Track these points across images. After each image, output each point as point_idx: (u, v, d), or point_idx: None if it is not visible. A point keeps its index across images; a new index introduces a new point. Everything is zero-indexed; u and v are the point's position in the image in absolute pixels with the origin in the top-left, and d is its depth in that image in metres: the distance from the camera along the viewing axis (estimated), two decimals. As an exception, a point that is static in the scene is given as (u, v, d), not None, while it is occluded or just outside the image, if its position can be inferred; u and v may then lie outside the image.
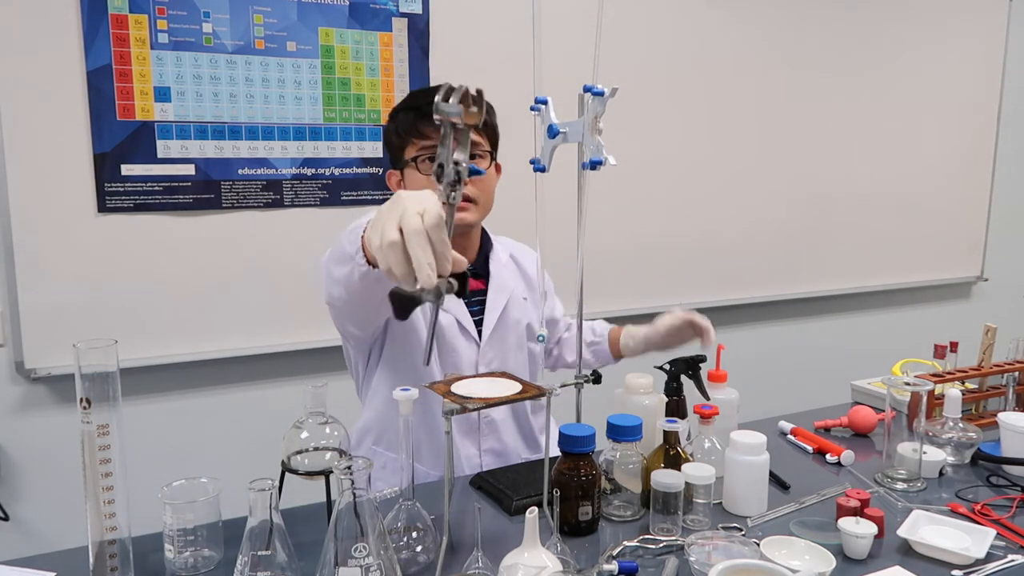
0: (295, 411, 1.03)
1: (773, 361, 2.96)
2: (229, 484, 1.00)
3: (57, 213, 1.88)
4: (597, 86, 1.02)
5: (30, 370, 1.91)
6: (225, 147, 2.01)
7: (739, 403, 1.34)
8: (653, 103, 2.54)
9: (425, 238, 0.75)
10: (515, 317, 1.42)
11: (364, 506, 0.79)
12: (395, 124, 1.33)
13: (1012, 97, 3.29)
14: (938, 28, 3.05)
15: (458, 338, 1.35)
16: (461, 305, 1.37)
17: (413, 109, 1.30)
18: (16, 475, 1.98)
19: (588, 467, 1.07)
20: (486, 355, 1.38)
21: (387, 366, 1.36)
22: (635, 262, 2.61)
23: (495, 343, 1.39)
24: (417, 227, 0.75)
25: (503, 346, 1.40)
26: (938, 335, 1.77)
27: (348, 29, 2.09)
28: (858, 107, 2.94)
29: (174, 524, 0.95)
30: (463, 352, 1.35)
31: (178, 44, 1.93)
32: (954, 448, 1.34)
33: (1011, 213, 3.41)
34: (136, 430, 2.03)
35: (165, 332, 2.02)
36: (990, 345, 1.56)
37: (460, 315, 1.36)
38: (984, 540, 1.02)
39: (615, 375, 1.32)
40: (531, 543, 0.88)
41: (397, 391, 0.94)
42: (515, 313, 1.42)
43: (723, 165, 2.71)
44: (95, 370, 0.85)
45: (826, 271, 3.01)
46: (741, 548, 0.97)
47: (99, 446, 0.86)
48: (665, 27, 2.53)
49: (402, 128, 1.31)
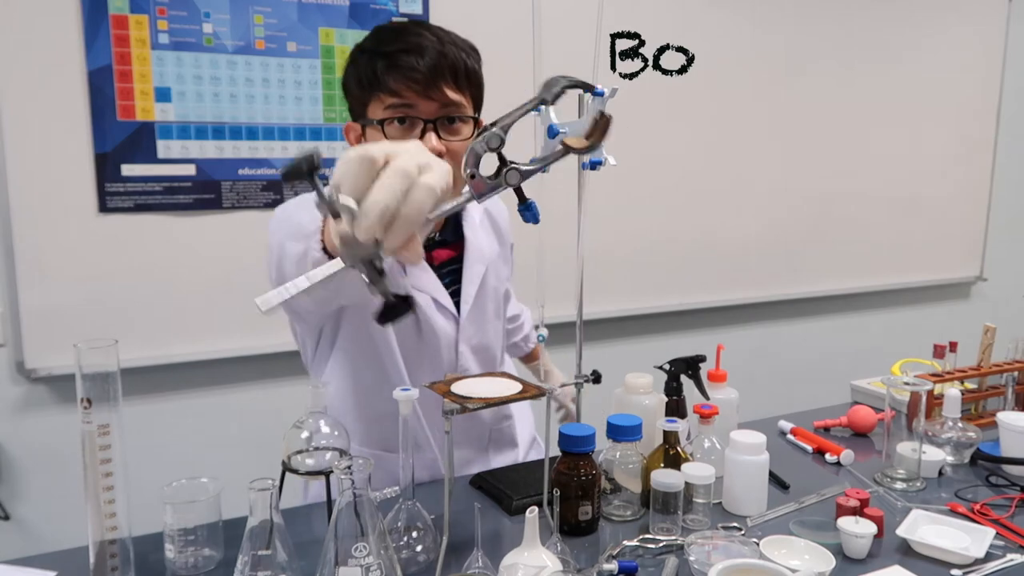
0: (295, 411, 1.03)
1: (773, 361, 2.97)
2: (229, 484, 1.00)
3: (57, 213, 1.88)
4: (597, 86, 1.02)
5: (30, 370, 1.91)
6: (225, 147, 2.02)
7: (739, 403, 1.34)
8: (653, 103, 2.54)
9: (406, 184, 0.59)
10: (492, 283, 1.27)
11: (364, 506, 0.79)
12: (355, 70, 1.10)
13: (1012, 97, 3.29)
14: (938, 28, 3.05)
15: (436, 316, 1.20)
16: (434, 278, 1.20)
17: (380, 56, 1.06)
18: (16, 475, 1.98)
19: (588, 467, 1.07)
20: (466, 331, 1.24)
21: (343, 352, 1.20)
22: (635, 262, 2.61)
23: (475, 317, 1.25)
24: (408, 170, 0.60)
25: (482, 318, 1.27)
26: (938, 335, 1.77)
27: (348, 29, 2.09)
28: (858, 107, 2.94)
29: (174, 524, 0.95)
30: (441, 331, 1.21)
31: (178, 44, 1.93)
32: (953, 448, 1.34)
33: (1011, 213, 3.41)
34: (136, 430, 2.03)
35: (165, 332, 2.02)
36: (989, 345, 1.56)
37: (434, 290, 1.19)
38: (983, 540, 1.02)
39: (615, 375, 1.32)
40: (531, 543, 0.88)
41: (397, 391, 0.94)
42: (492, 279, 1.27)
43: (723, 165, 2.71)
44: (95, 370, 0.85)
45: (826, 271, 3.01)
46: (741, 548, 0.97)
47: (99, 446, 0.86)
48: (665, 27, 2.53)
49: (365, 78, 1.08)
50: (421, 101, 1.07)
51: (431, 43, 1.07)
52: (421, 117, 1.07)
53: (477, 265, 1.24)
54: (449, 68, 1.07)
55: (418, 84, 1.05)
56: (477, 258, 1.25)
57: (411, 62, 1.05)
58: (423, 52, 1.05)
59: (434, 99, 1.07)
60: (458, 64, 1.08)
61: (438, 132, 1.08)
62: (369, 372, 1.21)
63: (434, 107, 1.07)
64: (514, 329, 1.59)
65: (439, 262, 1.23)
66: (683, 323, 2.79)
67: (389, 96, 1.06)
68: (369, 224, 0.58)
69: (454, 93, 1.08)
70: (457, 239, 1.25)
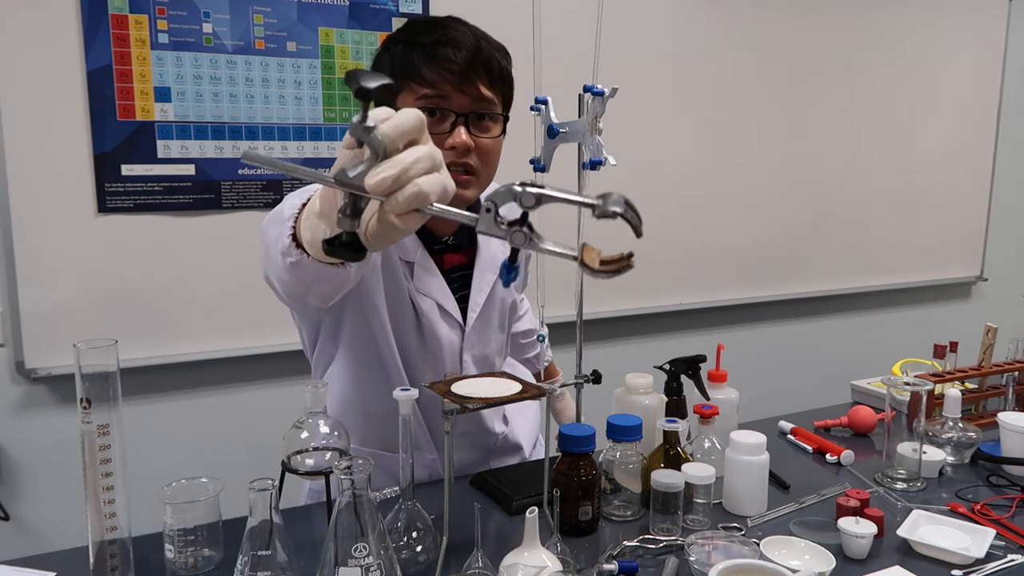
0: (295, 411, 1.03)
1: (773, 361, 2.97)
2: (229, 484, 1.00)
3: (57, 213, 1.88)
4: (597, 86, 1.02)
5: (30, 370, 1.91)
6: (225, 147, 2.02)
7: (739, 403, 1.34)
8: (653, 103, 2.54)
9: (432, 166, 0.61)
10: (501, 294, 1.25)
11: (364, 506, 0.79)
12: (390, 58, 1.09)
13: (1012, 97, 3.29)
14: (938, 28, 3.05)
15: (439, 324, 1.18)
16: (442, 283, 1.18)
17: (416, 46, 1.06)
18: (16, 475, 1.98)
19: (588, 467, 1.07)
20: (470, 340, 1.22)
21: (345, 354, 1.19)
22: (635, 262, 2.61)
23: (481, 327, 1.24)
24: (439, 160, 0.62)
25: (487, 328, 1.25)
26: (938, 335, 1.77)
27: (348, 29, 2.09)
28: (858, 107, 2.94)
29: (174, 524, 0.95)
30: (445, 338, 1.19)
31: (178, 44, 1.93)
32: (954, 448, 1.34)
33: (1011, 213, 3.41)
34: (136, 430, 2.03)
35: (165, 332, 2.02)
36: (990, 345, 1.56)
37: (441, 296, 1.18)
38: (984, 540, 1.02)
39: (615, 375, 1.32)
40: (531, 543, 0.88)
41: (397, 391, 0.94)
42: (501, 289, 1.25)
43: (723, 165, 2.71)
44: (95, 370, 0.85)
45: (826, 271, 3.01)
46: (741, 548, 0.97)
47: (99, 446, 0.86)
48: (665, 27, 2.53)
49: (400, 65, 1.06)
50: (455, 94, 1.06)
51: (467, 38, 1.06)
52: (453, 110, 1.06)
53: (488, 273, 1.23)
54: (484, 64, 1.07)
55: (454, 76, 1.04)
56: (489, 266, 1.23)
57: (448, 54, 1.04)
58: (460, 45, 1.05)
59: (467, 93, 1.06)
60: (492, 61, 1.08)
61: (468, 127, 1.07)
62: (371, 377, 1.20)
63: (467, 101, 1.07)
64: (527, 344, 1.53)
65: (450, 266, 1.21)
66: (683, 323, 2.79)
67: (423, 87, 1.05)
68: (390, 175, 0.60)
69: (487, 89, 1.08)
70: (470, 244, 1.23)
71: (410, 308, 1.16)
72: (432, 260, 1.18)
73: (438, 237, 1.20)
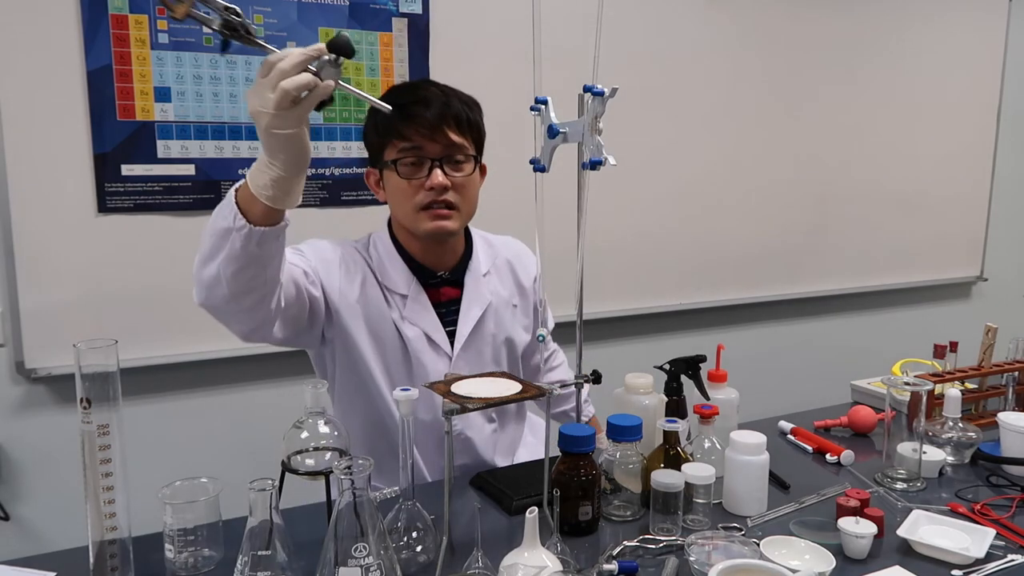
0: (295, 411, 1.03)
1: (773, 361, 2.96)
2: (229, 484, 1.00)
3: (57, 213, 1.88)
4: (597, 86, 1.01)
5: (30, 370, 1.91)
6: (225, 147, 2.01)
7: (739, 403, 1.34)
8: (653, 103, 2.54)
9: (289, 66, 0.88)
10: (491, 330, 1.34)
11: (364, 506, 0.79)
12: (374, 122, 1.28)
13: (1012, 97, 3.28)
14: (938, 28, 3.05)
15: (426, 352, 1.28)
16: (432, 316, 1.30)
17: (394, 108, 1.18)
18: (16, 475, 1.98)
19: (588, 467, 1.07)
20: (459, 369, 1.30)
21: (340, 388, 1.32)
22: (635, 262, 2.61)
23: (469, 357, 1.32)
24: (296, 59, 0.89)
25: (479, 360, 1.33)
26: (938, 335, 1.76)
27: (348, 29, 2.09)
28: (858, 106, 2.94)
29: (174, 524, 0.95)
30: (431, 366, 1.28)
31: (178, 44, 1.93)
32: (954, 448, 1.34)
33: (1011, 213, 3.41)
34: (136, 430, 2.03)
35: (165, 332, 2.02)
36: (990, 345, 1.56)
37: (429, 327, 1.29)
38: (984, 540, 1.02)
39: (615, 375, 1.32)
40: (531, 543, 0.88)
41: (397, 391, 0.94)
42: (492, 326, 1.34)
43: (723, 165, 2.71)
44: (95, 370, 0.85)
45: (826, 271, 3.01)
46: (741, 548, 0.97)
47: (99, 446, 0.86)
48: (665, 27, 2.53)
49: (381, 127, 1.25)
50: (428, 143, 1.22)
51: (436, 96, 1.23)
52: (428, 156, 1.23)
53: (474, 308, 1.33)
54: (452, 116, 1.23)
55: (425, 129, 1.21)
56: (474, 300, 1.34)
57: (419, 111, 1.21)
58: (429, 103, 1.22)
59: (438, 141, 1.23)
60: (460, 114, 1.24)
61: (443, 169, 1.23)
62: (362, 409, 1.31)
63: (439, 148, 1.23)
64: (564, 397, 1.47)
65: (445, 299, 1.32)
66: (683, 323, 2.79)
67: (401, 140, 1.23)
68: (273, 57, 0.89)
69: (456, 136, 1.24)
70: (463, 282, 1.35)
71: (396, 337, 1.28)
72: (425, 293, 1.31)
73: (433, 271, 1.32)
